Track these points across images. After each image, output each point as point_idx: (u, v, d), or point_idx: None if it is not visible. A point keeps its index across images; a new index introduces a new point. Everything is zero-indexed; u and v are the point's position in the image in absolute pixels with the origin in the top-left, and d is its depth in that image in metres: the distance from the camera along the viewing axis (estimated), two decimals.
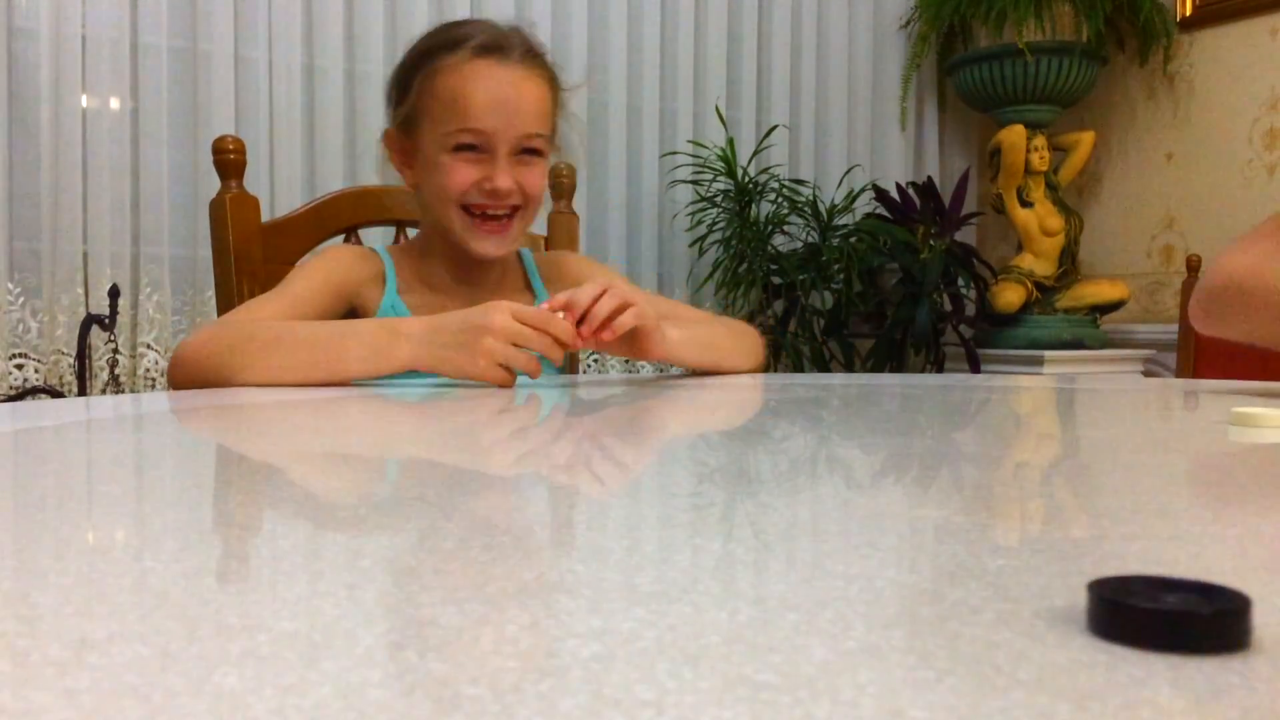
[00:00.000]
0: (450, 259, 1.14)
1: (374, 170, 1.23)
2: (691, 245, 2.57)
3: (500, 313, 0.88)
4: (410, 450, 0.55)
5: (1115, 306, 2.70)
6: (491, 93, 1.05)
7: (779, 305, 2.56)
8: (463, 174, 1.06)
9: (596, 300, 0.93)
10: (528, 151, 1.08)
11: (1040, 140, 2.66)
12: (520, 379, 0.95)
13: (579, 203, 1.78)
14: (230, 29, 2.08)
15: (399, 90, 1.12)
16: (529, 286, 1.21)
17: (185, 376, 0.93)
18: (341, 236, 1.32)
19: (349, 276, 1.10)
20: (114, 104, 1.99)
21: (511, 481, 0.41)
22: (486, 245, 1.09)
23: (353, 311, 1.11)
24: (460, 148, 1.06)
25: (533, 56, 1.10)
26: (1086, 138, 2.74)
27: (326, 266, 1.10)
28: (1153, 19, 2.67)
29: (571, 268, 1.23)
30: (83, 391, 1.92)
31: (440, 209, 1.08)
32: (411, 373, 1.07)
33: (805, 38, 2.79)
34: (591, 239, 2.49)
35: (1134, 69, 2.86)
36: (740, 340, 1.16)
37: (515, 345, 0.88)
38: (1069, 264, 2.72)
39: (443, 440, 0.59)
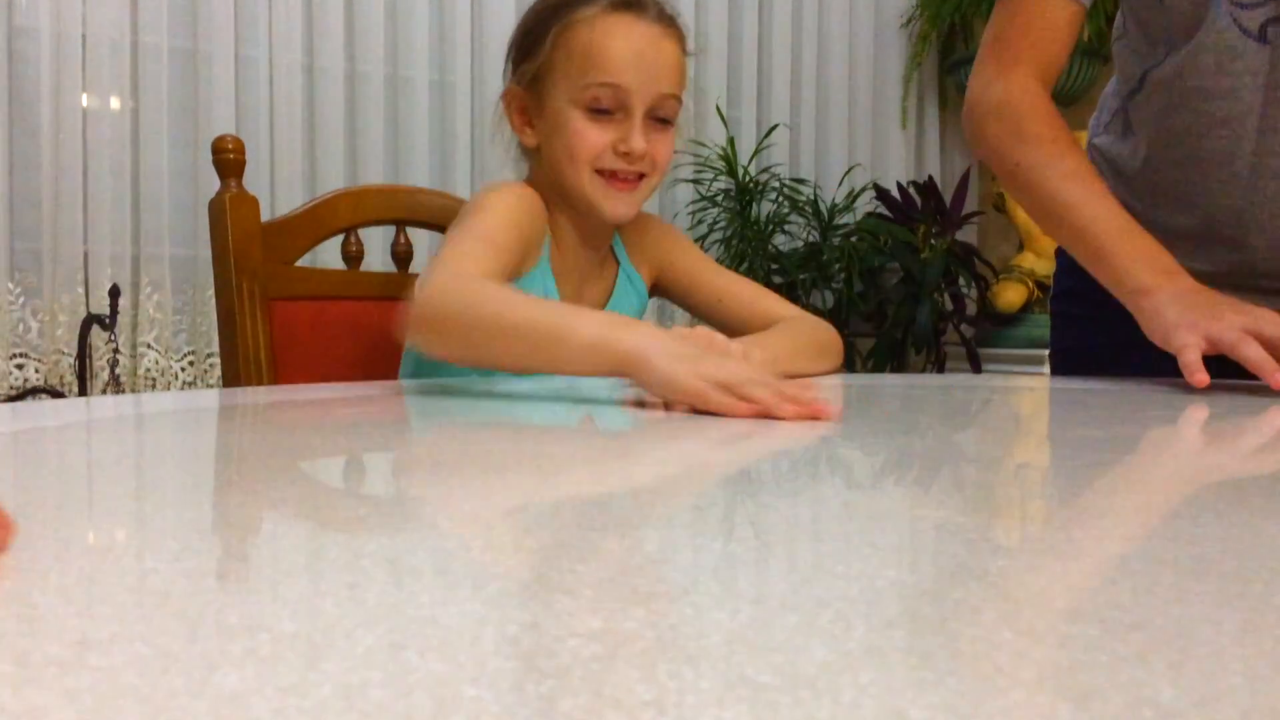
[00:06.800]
0: (576, 222, 1.08)
1: (489, 135, 1.14)
2: None
3: (740, 365, 0.73)
4: (410, 450, 0.55)
5: None
6: (631, 47, 0.99)
7: None
8: (596, 136, 1.01)
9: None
10: (660, 120, 1.03)
11: None
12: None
13: None
14: (230, 29, 2.08)
15: (526, 45, 1.06)
16: (614, 255, 1.16)
17: (432, 332, 0.86)
18: (342, 236, 1.32)
19: (526, 233, 1.01)
20: (114, 104, 1.99)
21: (511, 482, 0.41)
22: (618, 206, 1.03)
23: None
24: (595, 109, 1.00)
25: (668, 17, 1.05)
26: (1087, 136, 2.74)
27: (512, 214, 1.00)
28: None
29: (657, 236, 1.17)
30: (83, 391, 1.92)
31: (570, 171, 1.03)
32: (448, 372, 0.99)
33: (806, 37, 2.78)
34: None
35: None
36: (825, 352, 1.08)
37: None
38: None
39: (442, 440, 0.59)
